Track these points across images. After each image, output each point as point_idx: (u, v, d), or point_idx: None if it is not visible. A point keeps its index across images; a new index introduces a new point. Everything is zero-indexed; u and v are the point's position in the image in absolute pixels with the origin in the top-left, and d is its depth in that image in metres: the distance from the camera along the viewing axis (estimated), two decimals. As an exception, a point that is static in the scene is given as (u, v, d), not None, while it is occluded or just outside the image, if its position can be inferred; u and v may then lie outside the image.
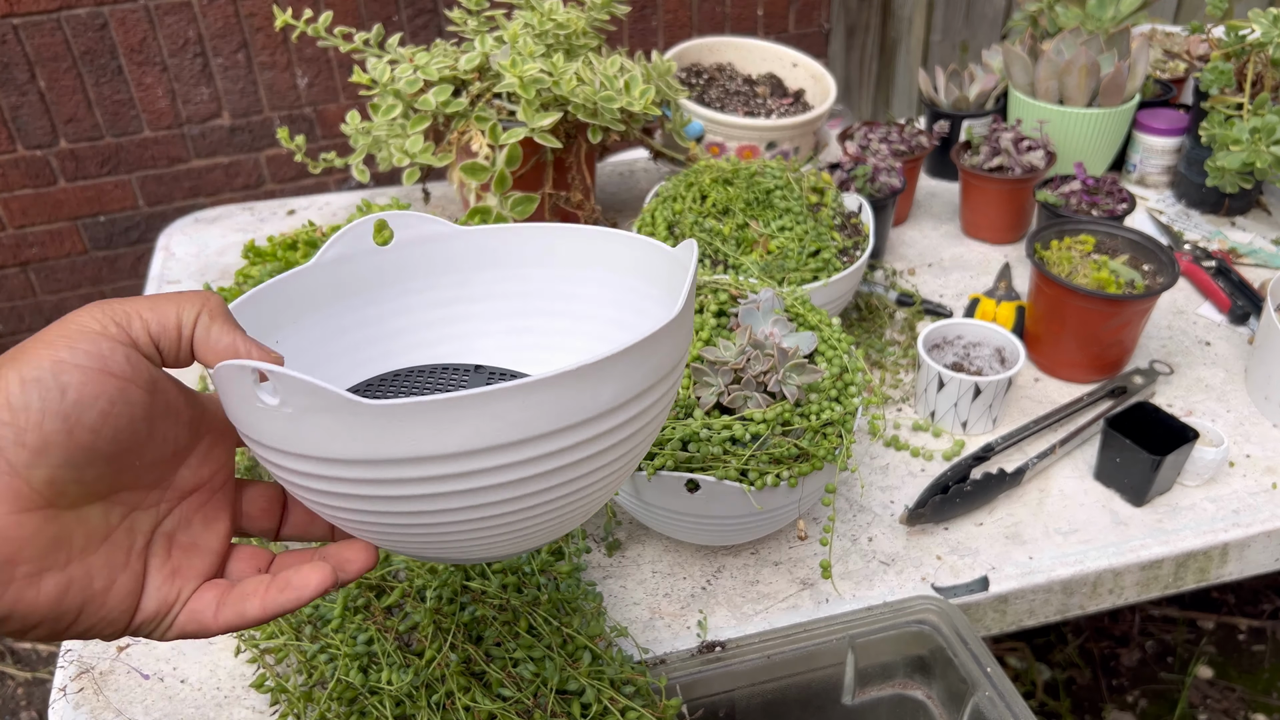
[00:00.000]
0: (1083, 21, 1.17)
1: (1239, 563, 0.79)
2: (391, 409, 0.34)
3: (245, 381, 0.35)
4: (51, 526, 0.34)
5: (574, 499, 0.41)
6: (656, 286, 0.49)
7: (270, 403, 0.35)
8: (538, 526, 0.42)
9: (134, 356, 0.36)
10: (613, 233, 0.51)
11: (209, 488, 0.42)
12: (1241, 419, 0.89)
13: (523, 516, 0.40)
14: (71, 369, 0.34)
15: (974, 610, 0.74)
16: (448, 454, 0.36)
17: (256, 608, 0.39)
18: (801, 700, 0.70)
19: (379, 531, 0.41)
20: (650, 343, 0.38)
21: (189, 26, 1.72)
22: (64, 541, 0.35)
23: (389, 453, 0.36)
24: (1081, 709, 1.42)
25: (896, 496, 0.81)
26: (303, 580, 0.40)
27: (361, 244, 0.50)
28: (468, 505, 0.38)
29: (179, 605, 0.39)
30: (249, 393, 0.36)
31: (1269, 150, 0.94)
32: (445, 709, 0.60)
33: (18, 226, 1.82)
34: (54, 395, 0.33)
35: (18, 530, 0.33)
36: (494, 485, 0.38)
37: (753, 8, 2.02)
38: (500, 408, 0.35)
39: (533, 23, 1.02)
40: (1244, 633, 1.52)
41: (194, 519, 0.41)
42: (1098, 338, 0.90)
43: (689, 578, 0.75)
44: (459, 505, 0.38)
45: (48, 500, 0.34)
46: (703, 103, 1.21)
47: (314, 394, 0.34)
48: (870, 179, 1.06)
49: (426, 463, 0.36)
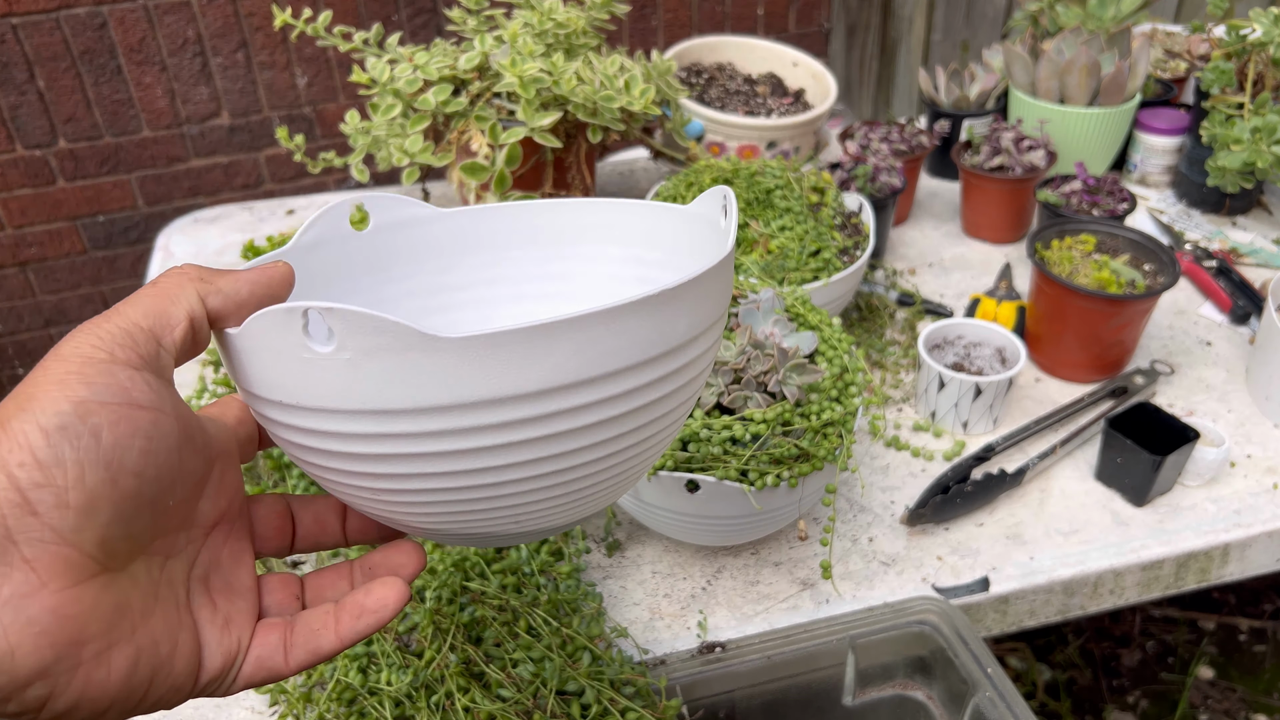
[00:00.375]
0: (1083, 21, 1.17)
1: (1240, 563, 0.79)
2: (475, 341, 0.31)
3: (291, 330, 0.31)
4: (110, 594, 0.30)
5: (638, 451, 0.39)
6: (659, 250, 0.47)
7: (322, 351, 0.31)
8: (597, 488, 0.39)
9: (154, 381, 0.32)
10: (604, 203, 0.48)
11: (228, 518, 0.37)
12: (1243, 419, 0.89)
13: (589, 472, 0.37)
14: (98, 408, 0.29)
15: (975, 611, 0.74)
16: (529, 393, 0.33)
17: (331, 641, 0.36)
18: (802, 701, 0.70)
19: (426, 507, 0.37)
20: (714, 274, 0.36)
21: (188, 26, 1.72)
22: (125, 608, 0.31)
23: (464, 396, 0.32)
24: (1082, 709, 1.42)
25: (897, 497, 0.81)
26: (379, 601, 0.37)
27: (338, 229, 0.46)
28: (534, 459, 0.35)
29: (241, 655, 0.35)
30: (295, 343, 0.31)
31: (1270, 150, 0.94)
32: (444, 710, 0.59)
33: (16, 226, 1.82)
34: (89, 443, 0.29)
35: (77, 606, 0.29)
36: (568, 431, 0.35)
37: (753, 7, 2.02)
38: (590, 335, 0.32)
39: (532, 22, 1.02)
40: (1245, 633, 1.52)
41: (222, 557, 0.37)
42: (1099, 338, 0.89)
43: (689, 578, 0.74)
44: (526, 458, 0.35)
45: (101, 565, 0.30)
46: (703, 102, 1.21)
47: (381, 330, 0.30)
48: (871, 178, 1.05)
49: (504, 405, 0.33)
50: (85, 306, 1.95)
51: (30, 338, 1.96)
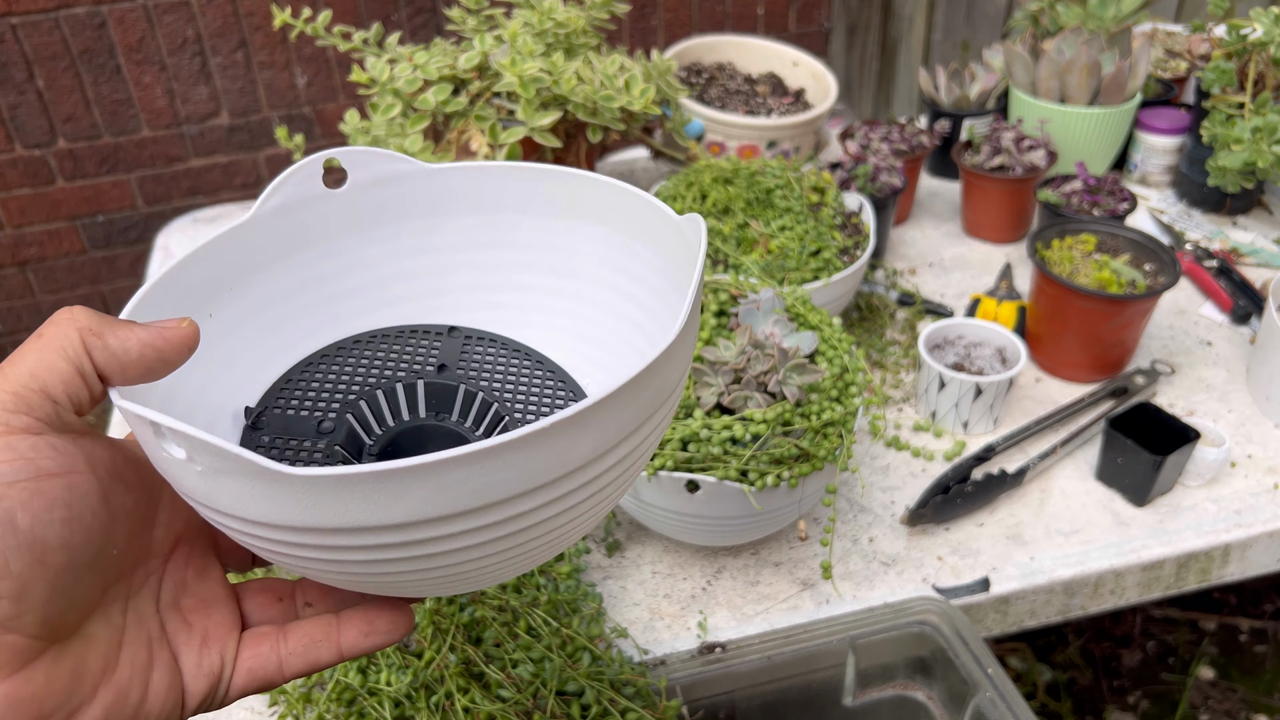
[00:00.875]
0: (1084, 20, 1.17)
1: (1241, 563, 0.79)
2: (318, 481, 0.28)
3: (145, 429, 0.29)
4: (64, 664, 0.30)
5: (550, 539, 0.35)
6: (662, 258, 0.42)
7: (177, 456, 0.29)
8: (509, 565, 0.35)
9: (59, 443, 0.30)
10: (610, 183, 0.43)
11: (186, 538, 0.36)
12: (1243, 419, 0.89)
13: (488, 564, 0.34)
14: (6, 491, 0.28)
15: (975, 611, 0.73)
16: (389, 525, 0.30)
17: (332, 654, 0.36)
18: (802, 701, 0.70)
19: (327, 577, 0.35)
20: (646, 376, 0.31)
21: (187, 25, 1.72)
22: (82, 672, 0.30)
23: (320, 522, 0.30)
24: (1083, 710, 1.42)
25: (897, 497, 0.81)
26: (389, 624, 0.36)
27: (310, 189, 0.42)
28: (417, 568, 0.32)
29: (228, 669, 0.35)
30: (153, 442, 0.30)
31: (1270, 149, 0.94)
32: (444, 710, 0.59)
33: (16, 226, 1.82)
34: (5, 531, 0.27)
35: (30, 687, 0.28)
36: (449, 551, 0.32)
37: (753, 6, 2.02)
38: (453, 477, 0.29)
39: (532, 21, 1.02)
40: (1246, 633, 1.52)
41: (187, 577, 0.36)
42: (1099, 338, 0.89)
43: (689, 578, 0.74)
44: (406, 568, 0.32)
45: (49, 639, 0.29)
46: (703, 102, 1.21)
47: (224, 458, 0.28)
48: (871, 178, 1.05)
49: (364, 532, 0.30)
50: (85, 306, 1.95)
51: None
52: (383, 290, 0.46)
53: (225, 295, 0.41)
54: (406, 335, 0.45)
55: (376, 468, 0.28)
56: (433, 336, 0.45)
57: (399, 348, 0.45)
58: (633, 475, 0.36)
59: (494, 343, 0.46)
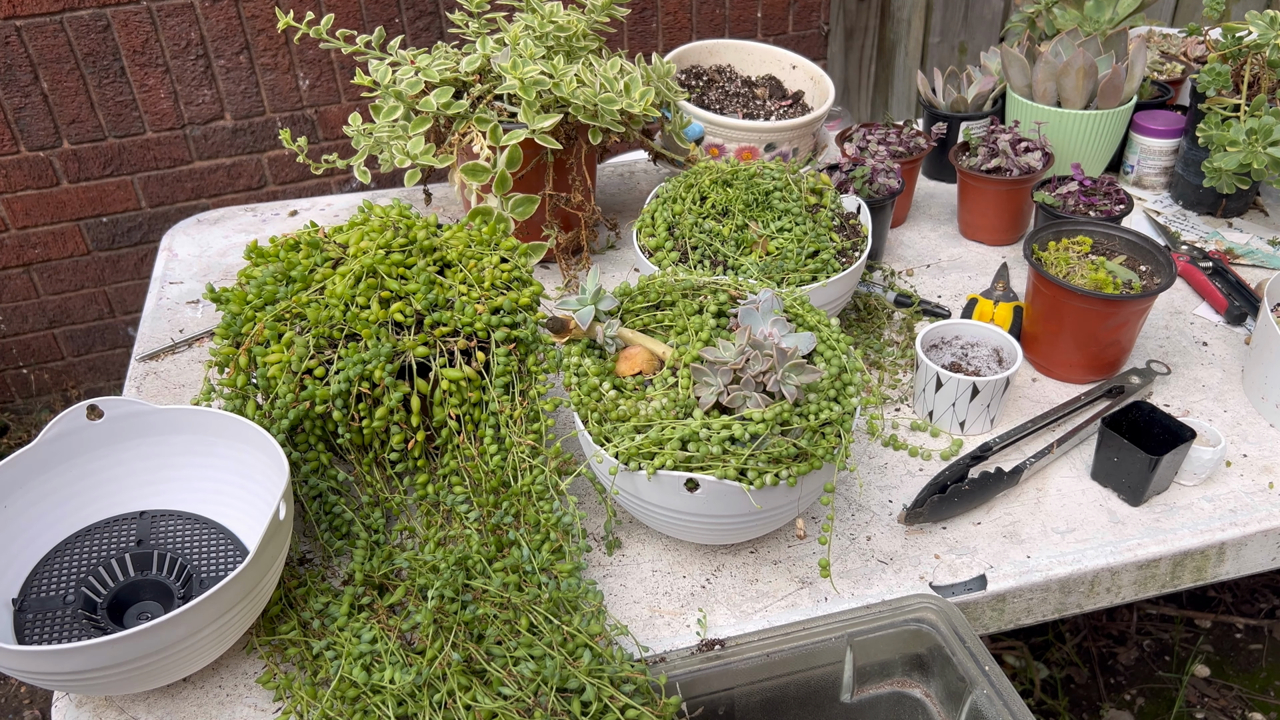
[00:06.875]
0: (1080, 23, 1.18)
1: (1236, 562, 0.80)
2: (43, 653, 0.56)
3: None
4: None
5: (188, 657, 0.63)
6: (270, 476, 0.72)
7: None
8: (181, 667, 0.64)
9: None
10: (234, 421, 0.72)
11: None
12: (1238, 419, 0.90)
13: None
14: None
15: (972, 609, 0.74)
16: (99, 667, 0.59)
17: None
18: (800, 698, 0.70)
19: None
20: (208, 604, 0.60)
21: (191, 28, 1.73)
22: None
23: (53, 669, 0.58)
24: (1079, 707, 1.43)
25: (895, 496, 0.82)
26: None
27: (79, 421, 0.72)
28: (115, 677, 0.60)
29: None
30: None
31: (1265, 151, 0.95)
32: (446, 708, 0.60)
33: (21, 227, 1.83)
34: None
35: None
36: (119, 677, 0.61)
37: (752, 10, 2.03)
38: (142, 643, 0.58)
39: (533, 25, 1.03)
40: (1241, 631, 1.52)
41: None
42: (1095, 338, 0.90)
43: (689, 576, 0.75)
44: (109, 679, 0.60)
45: None
46: (702, 105, 1.22)
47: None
48: (868, 180, 1.06)
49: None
50: (89, 307, 1.96)
51: (34, 338, 1.97)
52: (131, 482, 0.75)
53: (17, 491, 0.70)
54: (114, 523, 0.74)
55: (59, 649, 0.55)
56: (130, 520, 0.75)
57: (109, 532, 0.73)
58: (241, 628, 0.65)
59: (170, 517, 0.75)
